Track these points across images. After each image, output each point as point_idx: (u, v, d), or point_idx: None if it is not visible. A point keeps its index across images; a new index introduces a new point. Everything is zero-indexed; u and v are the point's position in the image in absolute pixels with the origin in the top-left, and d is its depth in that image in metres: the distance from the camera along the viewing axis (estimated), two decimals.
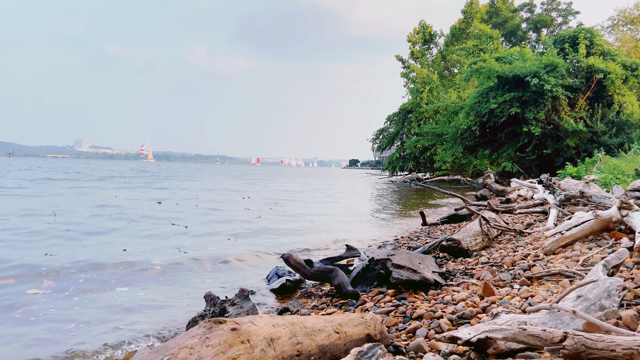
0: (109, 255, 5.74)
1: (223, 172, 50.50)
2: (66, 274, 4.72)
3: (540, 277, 3.51)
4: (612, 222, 4.57)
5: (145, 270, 5.12)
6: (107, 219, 9.20)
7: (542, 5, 44.48)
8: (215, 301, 3.19)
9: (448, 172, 32.94)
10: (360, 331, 2.39)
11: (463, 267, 4.44)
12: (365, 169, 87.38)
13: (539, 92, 20.55)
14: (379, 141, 41.31)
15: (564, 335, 1.82)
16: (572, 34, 23.29)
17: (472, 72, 23.32)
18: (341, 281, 3.93)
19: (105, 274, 4.84)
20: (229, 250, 6.45)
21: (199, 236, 7.51)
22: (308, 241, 7.46)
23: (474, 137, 23.34)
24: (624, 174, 10.95)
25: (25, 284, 4.35)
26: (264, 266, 5.35)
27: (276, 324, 2.07)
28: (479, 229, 5.52)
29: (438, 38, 43.19)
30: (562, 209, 6.70)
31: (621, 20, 34.25)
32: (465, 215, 8.66)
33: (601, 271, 2.63)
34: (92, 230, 7.74)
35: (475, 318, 2.81)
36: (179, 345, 1.76)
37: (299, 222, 9.87)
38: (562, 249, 4.41)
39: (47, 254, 5.61)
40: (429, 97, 35.16)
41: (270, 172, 62.37)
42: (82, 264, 5.15)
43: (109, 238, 7.08)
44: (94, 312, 3.69)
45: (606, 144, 20.74)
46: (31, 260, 5.29)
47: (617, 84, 21.62)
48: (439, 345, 2.41)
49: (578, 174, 13.75)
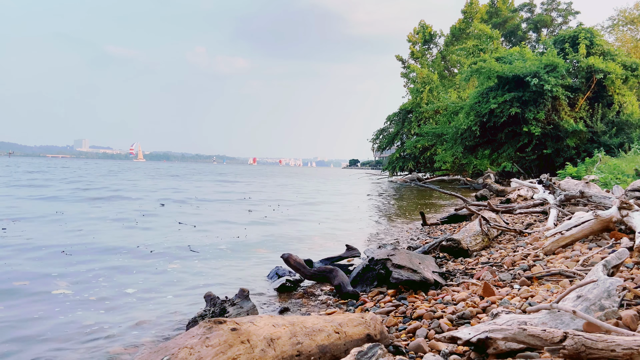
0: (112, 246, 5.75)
1: (204, 173, 47.86)
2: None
3: (540, 277, 3.52)
4: (612, 222, 4.57)
5: (145, 268, 5.13)
6: (119, 219, 9.20)
7: (542, 5, 44.50)
8: (215, 301, 3.19)
9: (448, 172, 32.94)
10: (360, 331, 2.39)
11: (463, 267, 4.44)
12: (365, 169, 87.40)
13: (539, 92, 20.55)
14: (379, 141, 41.31)
15: (564, 335, 1.82)
16: (572, 34, 23.30)
17: (472, 72, 23.33)
18: (341, 281, 3.93)
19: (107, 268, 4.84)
20: (228, 250, 6.45)
21: (198, 236, 7.51)
22: (307, 241, 7.46)
23: (474, 137, 23.34)
24: (624, 174, 10.96)
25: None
26: (264, 266, 5.35)
27: (276, 324, 2.07)
28: (479, 229, 5.52)
29: (438, 38, 43.22)
30: (562, 209, 6.70)
31: (621, 20, 34.27)
32: (465, 215, 8.67)
33: (601, 271, 2.64)
34: (97, 228, 7.75)
35: (475, 318, 2.81)
36: (179, 345, 1.76)
37: (298, 222, 9.86)
38: (562, 249, 4.41)
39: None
40: (429, 97, 35.18)
41: (259, 172, 61.18)
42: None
43: (121, 232, 7.09)
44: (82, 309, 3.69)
45: (606, 144, 20.75)
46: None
47: (617, 84, 21.63)
48: (439, 345, 2.41)
49: (578, 174, 13.76)
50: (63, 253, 5.76)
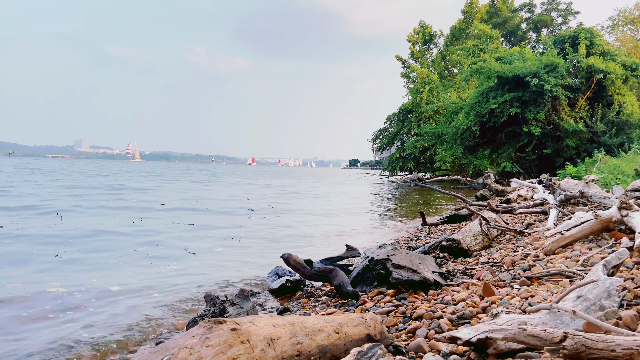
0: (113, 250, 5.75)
1: (192, 173, 46.05)
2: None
3: (540, 277, 3.51)
4: (612, 222, 4.57)
5: (145, 267, 5.13)
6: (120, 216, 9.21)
7: (542, 5, 44.54)
8: (215, 301, 3.19)
9: (448, 172, 32.95)
10: (360, 331, 2.39)
11: (463, 267, 4.44)
12: (365, 169, 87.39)
13: (539, 92, 20.56)
14: (379, 141, 41.32)
15: (564, 335, 1.82)
16: (572, 34, 23.30)
17: (472, 72, 23.35)
18: (341, 281, 3.93)
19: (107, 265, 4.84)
20: (228, 250, 6.45)
21: (197, 235, 7.51)
22: (307, 241, 7.46)
23: (474, 137, 23.35)
24: (624, 174, 10.96)
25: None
26: (264, 266, 5.35)
27: (276, 324, 2.07)
28: (479, 229, 5.52)
29: (438, 38, 43.23)
30: (562, 209, 6.70)
31: (621, 20, 34.30)
32: (465, 215, 8.67)
33: (601, 271, 2.63)
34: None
35: (475, 318, 2.81)
36: (178, 345, 1.76)
37: (298, 222, 9.86)
38: (562, 249, 4.41)
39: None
40: (429, 97, 35.20)
41: (250, 173, 60.13)
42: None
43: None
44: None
45: (606, 144, 20.75)
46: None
47: (617, 84, 21.64)
48: (439, 346, 2.41)
49: (578, 174, 13.75)
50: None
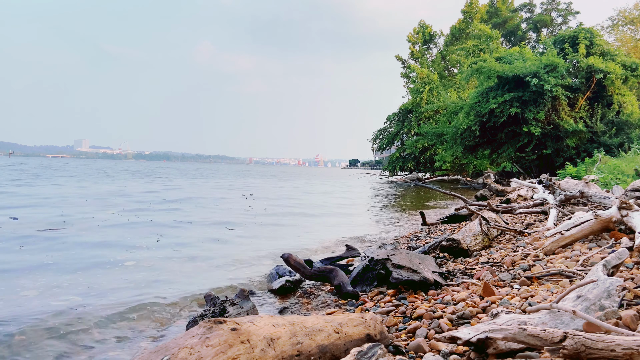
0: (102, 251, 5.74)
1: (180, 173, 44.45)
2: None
3: (540, 277, 3.52)
4: (612, 222, 4.57)
5: (145, 267, 5.13)
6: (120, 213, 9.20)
7: (542, 5, 44.55)
8: (215, 301, 3.19)
9: (448, 172, 32.96)
10: (360, 331, 2.39)
11: (463, 267, 4.44)
12: (365, 169, 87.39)
13: (539, 92, 20.56)
14: (379, 141, 41.33)
15: (564, 335, 1.82)
16: (572, 34, 23.30)
17: (472, 72, 23.34)
18: (341, 281, 3.93)
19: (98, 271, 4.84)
20: (228, 249, 6.45)
21: (197, 235, 7.51)
22: (307, 241, 7.46)
23: (474, 137, 23.35)
24: (624, 174, 10.96)
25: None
26: (264, 266, 5.35)
27: (276, 324, 2.07)
28: (479, 229, 5.52)
29: (438, 38, 43.25)
30: (562, 209, 6.70)
31: (621, 20, 34.31)
32: (465, 215, 8.67)
33: (601, 271, 2.64)
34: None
35: (475, 318, 2.81)
36: (179, 345, 1.76)
37: (298, 223, 9.86)
38: (562, 249, 4.41)
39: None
40: (429, 97, 35.21)
41: (245, 172, 59.47)
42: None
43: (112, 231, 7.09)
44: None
45: (606, 144, 20.75)
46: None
47: (617, 84, 21.63)
48: (439, 345, 2.41)
49: (578, 174, 13.75)
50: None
